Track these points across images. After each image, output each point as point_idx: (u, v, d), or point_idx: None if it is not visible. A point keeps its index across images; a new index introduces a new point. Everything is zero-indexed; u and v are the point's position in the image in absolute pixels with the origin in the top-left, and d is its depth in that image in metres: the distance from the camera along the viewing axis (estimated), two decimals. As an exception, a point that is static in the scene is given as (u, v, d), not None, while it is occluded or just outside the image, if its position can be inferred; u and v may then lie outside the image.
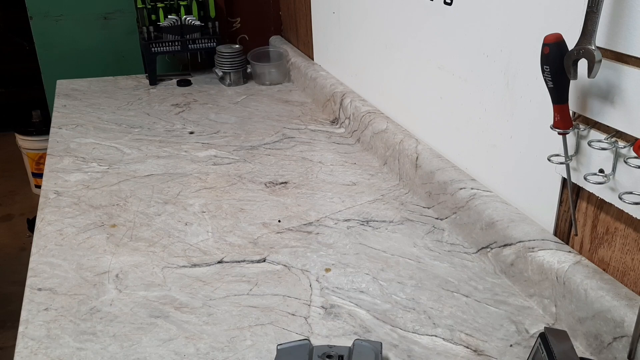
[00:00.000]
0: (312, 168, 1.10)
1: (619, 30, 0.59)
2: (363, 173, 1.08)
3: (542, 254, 0.71)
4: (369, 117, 1.15)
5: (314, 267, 0.80)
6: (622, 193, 0.61)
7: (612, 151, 0.62)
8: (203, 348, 0.66)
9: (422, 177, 0.96)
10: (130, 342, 0.66)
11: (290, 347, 0.62)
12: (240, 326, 0.69)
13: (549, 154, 0.69)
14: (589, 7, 0.58)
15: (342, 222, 0.91)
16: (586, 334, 0.65)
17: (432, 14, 0.93)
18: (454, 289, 0.75)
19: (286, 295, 0.74)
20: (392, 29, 1.07)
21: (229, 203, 0.98)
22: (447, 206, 0.90)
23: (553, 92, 0.64)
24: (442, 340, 0.67)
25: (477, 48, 0.83)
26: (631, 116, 0.59)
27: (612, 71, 0.60)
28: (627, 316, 0.60)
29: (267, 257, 0.82)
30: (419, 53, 0.99)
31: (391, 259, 0.82)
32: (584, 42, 0.59)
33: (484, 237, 0.81)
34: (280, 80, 1.64)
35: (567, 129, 0.65)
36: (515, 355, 0.64)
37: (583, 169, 0.67)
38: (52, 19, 1.89)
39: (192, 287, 0.75)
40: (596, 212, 0.67)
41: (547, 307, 0.71)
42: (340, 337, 0.67)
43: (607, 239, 0.67)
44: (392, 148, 1.06)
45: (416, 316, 0.71)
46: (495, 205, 0.82)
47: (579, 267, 0.68)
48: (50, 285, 0.76)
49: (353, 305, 0.73)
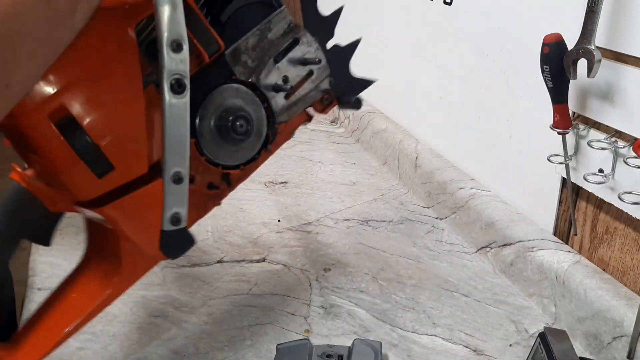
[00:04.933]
0: (312, 168, 1.10)
1: (618, 30, 0.59)
2: (363, 173, 1.08)
3: (542, 253, 0.71)
4: (369, 117, 1.15)
5: (313, 267, 0.80)
6: (621, 193, 0.61)
7: (612, 151, 0.62)
8: (203, 347, 0.66)
9: (421, 176, 0.96)
10: (130, 342, 0.66)
11: (289, 347, 0.62)
12: (239, 326, 0.69)
13: (548, 153, 0.69)
14: (589, 6, 0.58)
15: (341, 221, 0.91)
16: (586, 333, 0.65)
17: (432, 13, 0.93)
18: (454, 289, 0.76)
19: (286, 294, 0.74)
20: (392, 28, 1.07)
21: (228, 202, 0.97)
22: (446, 206, 0.90)
23: (552, 91, 0.64)
24: (441, 339, 0.67)
25: (477, 48, 0.83)
26: (631, 116, 0.60)
27: (611, 71, 0.60)
28: (626, 316, 0.60)
29: (266, 256, 0.82)
30: (419, 52, 0.99)
31: (391, 259, 0.82)
32: (583, 42, 0.59)
33: (483, 237, 0.81)
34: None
35: (567, 128, 0.65)
36: (515, 355, 0.65)
37: (582, 169, 0.67)
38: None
39: (191, 286, 0.75)
40: (596, 211, 0.68)
41: (546, 307, 0.71)
42: (340, 336, 0.67)
43: (606, 238, 0.67)
44: (391, 148, 1.06)
45: (416, 316, 0.71)
46: (494, 205, 0.82)
47: (579, 266, 0.68)
48: (50, 285, 0.76)
49: (352, 304, 0.73)
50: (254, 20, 0.54)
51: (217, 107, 0.53)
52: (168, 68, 0.46)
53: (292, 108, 0.59)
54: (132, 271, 0.53)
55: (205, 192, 0.55)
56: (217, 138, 0.54)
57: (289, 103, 0.58)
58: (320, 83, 0.60)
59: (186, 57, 0.46)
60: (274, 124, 0.58)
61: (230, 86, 0.53)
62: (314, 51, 0.58)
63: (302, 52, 0.57)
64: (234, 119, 0.53)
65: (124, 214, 0.50)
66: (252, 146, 0.57)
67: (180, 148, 0.48)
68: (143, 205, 0.50)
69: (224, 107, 0.53)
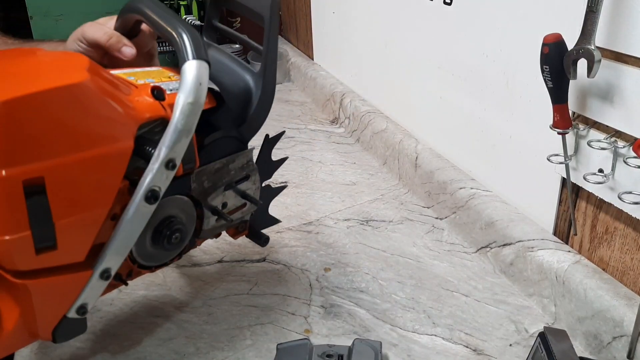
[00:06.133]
0: (312, 167, 1.10)
1: (618, 30, 0.59)
2: (363, 173, 1.08)
3: (542, 253, 0.71)
4: (369, 117, 1.15)
5: (313, 267, 0.80)
6: (621, 193, 0.61)
7: (612, 151, 0.62)
8: (203, 347, 0.66)
9: (421, 176, 0.96)
10: (130, 342, 0.67)
11: (290, 347, 0.62)
12: (240, 325, 0.69)
13: (548, 153, 0.69)
14: (589, 7, 0.58)
15: (341, 221, 0.91)
16: (585, 333, 0.65)
17: (431, 13, 0.93)
18: (454, 289, 0.76)
19: (286, 294, 0.74)
20: (392, 28, 1.07)
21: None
22: (446, 206, 0.90)
23: (552, 91, 0.64)
24: (441, 339, 0.67)
25: (476, 48, 0.83)
26: (630, 116, 0.60)
27: (611, 71, 0.60)
28: (626, 316, 0.60)
29: (267, 256, 0.82)
30: (418, 53, 0.99)
31: (391, 259, 0.82)
32: (583, 42, 0.59)
33: (483, 237, 0.81)
34: (280, 80, 1.64)
35: (567, 128, 0.65)
36: (515, 355, 0.65)
37: (582, 169, 0.67)
38: (52, 19, 1.89)
39: (192, 286, 0.75)
40: (595, 211, 0.68)
41: (546, 307, 0.71)
42: (340, 336, 0.67)
43: (606, 238, 0.67)
44: (391, 148, 1.06)
45: (416, 315, 0.71)
46: (494, 204, 0.82)
47: (579, 266, 0.68)
48: None
49: (353, 304, 0.73)
50: (225, 150, 0.60)
51: (163, 213, 0.55)
52: (153, 181, 0.49)
53: (216, 229, 0.63)
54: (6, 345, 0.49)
55: (111, 283, 0.53)
56: (149, 241, 0.55)
57: (217, 225, 0.62)
58: (245, 215, 0.65)
59: (172, 175, 0.50)
60: (194, 240, 0.61)
61: (181, 198, 0.56)
62: (255, 190, 0.65)
63: (247, 188, 0.64)
64: (173, 230, 0.56)
65: (41, 292, 0.48)
66: (172, 254, 0.59)
67: (124, 249, 0.50)
68: (62, 289, 0.49)
69: (168, 214, 0.56)
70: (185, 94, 0.49)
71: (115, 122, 0.47)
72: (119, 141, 0.48)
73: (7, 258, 0.45)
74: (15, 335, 0.49)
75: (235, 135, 0.61)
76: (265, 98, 0.61)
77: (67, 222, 0.46)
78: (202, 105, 0.50)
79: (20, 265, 0.45)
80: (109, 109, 0.47)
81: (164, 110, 0.52)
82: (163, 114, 0.51)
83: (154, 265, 0.58)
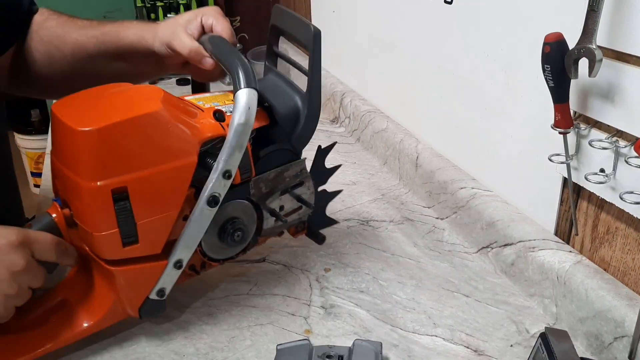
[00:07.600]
0: (312, 167, 1.09)
1: (619, 29, 0.59)
2: (363, 172, 1.08)
3: (543, 253, 0.71)
4: (369, 117, 1.15)
5: (313, 267, 0.80)
6: (622, 193, 0.61)
7: (613, 151, 0.61)
8: (202, 348, 0.66)
9: (422, 176, 0.96)
10: (130, 342, 0.66)
11: (290, 347, 0.62)
12: (239, 326, 0.69)
13: (549, 153, 0.69)
14: (590, 6, 0.58)
15: (342, 221, 0.91)
16: (587, 333, 0.65)
17: (432, 13, 0.93)
18: (454, 289, 0.75)
19: (286, 295, 0.74)
20: (392, 28, 1.07)
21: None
22: (447, 206, 0.89)
23: (554, 91, 0.64)
24: (442, 340, 0.67)
25: (477, 47, 0.83)
26: (632, 115, 0.59)
27: (613, 70, 0.60)
28: (627, 316, 0.60)
29: (266, 256, 0.82)
30: (419, 52, 0.99)
31: (391, 259, 0.82)
32: (584, 41, 0.59)
33: (484, 237, 0.81)
34: (280, 80, 1.64)
35: (568, 128, 0.65)
36: (516, 355, 0.64)
37: (584, 169, 0.66)
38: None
39: (191, 286, 0.75)
40: (597, 211, 0.67)
41: (547, 307, 0.70)
42: (340, 337, 0.67)
43: (607, 238, 0.66)
44: (392, 147, 1.06)
45: (416, 316, 0.70)
46: (495, 204, 0.82)
47: (580, 266, 0.67)
48: (49, 285, 0.76)
49: (353, 305, 0.72)
50: (280, 160, 0.69)
51: (226, 215, 0.65)
52: (213, 188, 0.59)
53: (276, 229, 0.72)
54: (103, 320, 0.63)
55: (186, 272, 0.66)
56: (216, 238, 0.66)
57: (276, 225, 0.71)
58: (303, 217, 0.74)
59: (229, 183, 0.60)
60: (257, 238, 0.71)
61: (242, 202, 0.66)
62: (309, 194, 0.73)
63: (301, 192, 0.72)
64: (236, 228, 0.66)
65: (127, 277, 0.60)
66: (236, 249, 0.69)
67: (192, 244, 0.62)
68: (144, 275, 0.61)
69: (232, 215, 0.66)
70: (237, 117, 0.59)
71: (182, 140, 0.59)
72: (186, 156, 0.59)
73: (101, 250, 0.58)
74: (113, 310, 0.63)
75: (287, 147, 0.69)
76: (311, 115, 0.69)
77: (146, 222, 0.58)
78: (251, 126, 0.60)
79: (110, 255, 0.59)
80: (177, 130, 0.58)
81: (223, 129, 0.62)
82: (222, 132, 0.61)
83: (221, 259, 0.68)
